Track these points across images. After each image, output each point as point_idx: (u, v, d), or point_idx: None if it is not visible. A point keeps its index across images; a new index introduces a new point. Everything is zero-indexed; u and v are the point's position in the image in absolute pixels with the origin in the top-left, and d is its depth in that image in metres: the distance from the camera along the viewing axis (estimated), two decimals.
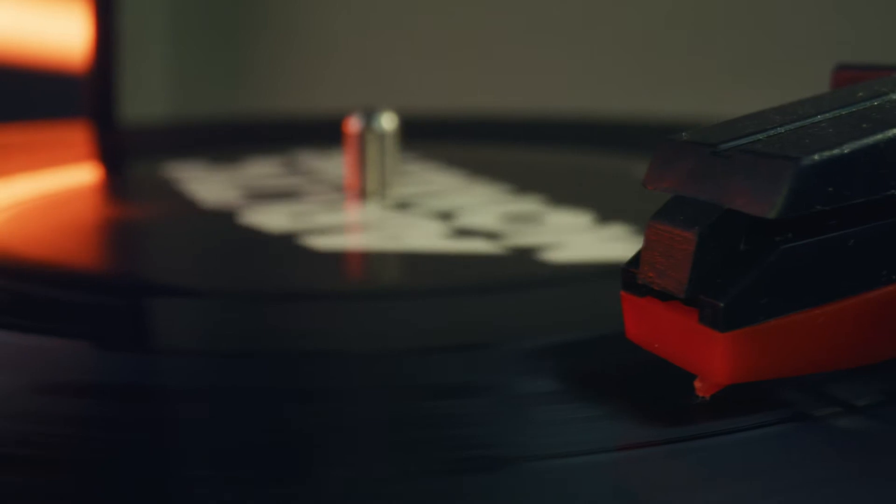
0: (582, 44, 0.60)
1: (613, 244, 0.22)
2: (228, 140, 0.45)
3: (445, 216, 0.26)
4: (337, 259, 0.23)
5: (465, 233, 0.24)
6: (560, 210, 0.26)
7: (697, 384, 0.13)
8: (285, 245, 0.23)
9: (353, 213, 0.27)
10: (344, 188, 0.29)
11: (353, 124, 0.28)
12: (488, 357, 0.16)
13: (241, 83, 0.64)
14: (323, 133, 0.47)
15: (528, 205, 0.27)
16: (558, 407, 0.13)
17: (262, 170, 0.34)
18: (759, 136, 0.13)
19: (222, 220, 0.26)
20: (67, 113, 0.62)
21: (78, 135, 0.50)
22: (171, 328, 0.18)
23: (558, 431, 0.12)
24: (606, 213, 0.26)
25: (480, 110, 0.51)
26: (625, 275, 0.14)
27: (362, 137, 0.28)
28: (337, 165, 0.33)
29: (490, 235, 0.23)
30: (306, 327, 0.18)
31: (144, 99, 0.59)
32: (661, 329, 0.13)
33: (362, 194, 0.28)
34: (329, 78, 0.63)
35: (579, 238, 0.23)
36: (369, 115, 0.28)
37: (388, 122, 0.28)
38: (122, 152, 0.45)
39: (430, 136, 0.42)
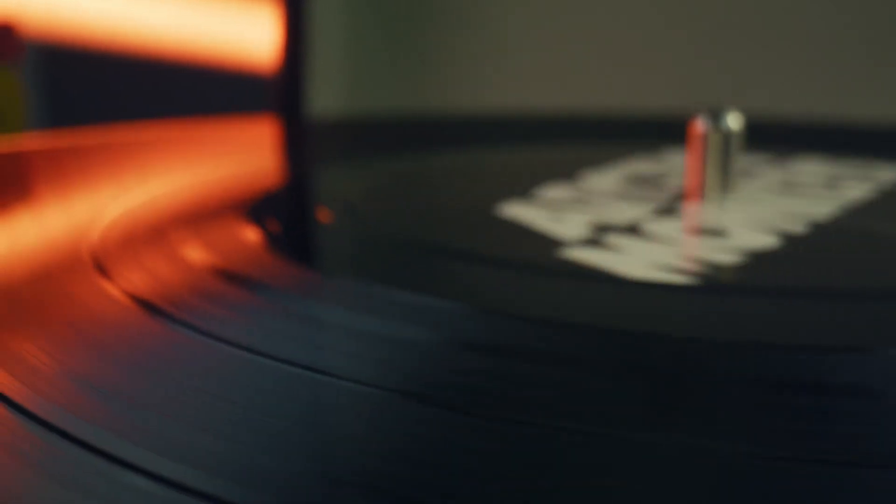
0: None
1: None
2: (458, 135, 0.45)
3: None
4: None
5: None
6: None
7: None
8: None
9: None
10: (684, 189, 0.29)
11: (699, 125, 0.28)
12: None
13: (415, 80, 0.64)
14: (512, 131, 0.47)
15: None
16: None
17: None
18: None
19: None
20: (249, 108, 0.62)
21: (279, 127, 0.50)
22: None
23: None
24: None
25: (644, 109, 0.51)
26: None
27: (707, 137, 0.28)
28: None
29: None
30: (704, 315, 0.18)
31: (323, 94, 0.60)
32: None
33: (704, 195, 0.28)
34: (503, 75, 0.63)
35: None
36: (716, 114, 0.28)
37: (734, 121, 0.28)
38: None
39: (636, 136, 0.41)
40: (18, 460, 0.11)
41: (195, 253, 0.21)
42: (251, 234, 0.23)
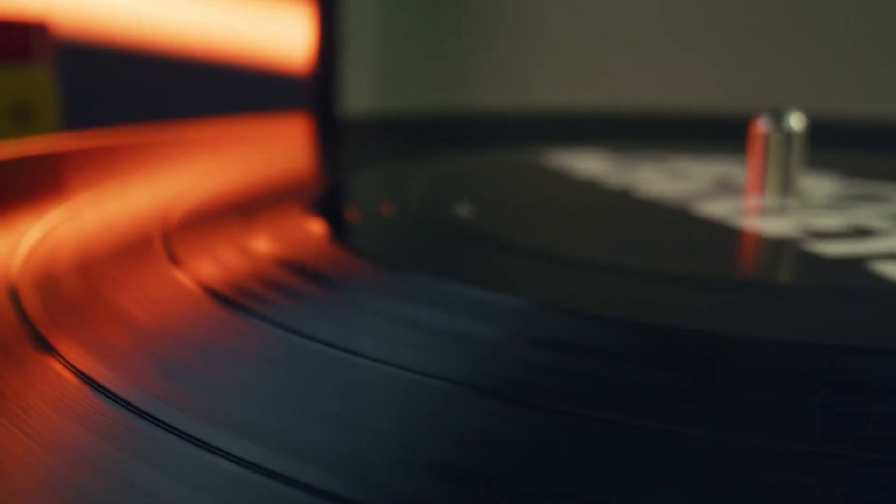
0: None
1: None
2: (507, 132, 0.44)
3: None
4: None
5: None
6: None
7: None
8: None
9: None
10: (745, 188, 0.29)
11: (761, 125, 0.28)
12: None
13: (446, 79, 0.63)
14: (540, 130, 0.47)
15: None
16: None
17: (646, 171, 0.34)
18: None
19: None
20: (283, 107, 0.62)
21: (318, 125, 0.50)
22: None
23: None
24: None
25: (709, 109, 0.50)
26: None
27: (769, 138, 0.28)
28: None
29: None
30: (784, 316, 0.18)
31: (357, 93, 0.59)
32: None
33: (764, 195, 0.28)
34: (534, 74, 0.62)
35: None
36: (778, 114, 0.28)
37: (796, 122, 0.28)
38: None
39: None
40: (104, 440, 0.12)
41: (262, 246, 0.21)
42: (314, 227, 0.23)
